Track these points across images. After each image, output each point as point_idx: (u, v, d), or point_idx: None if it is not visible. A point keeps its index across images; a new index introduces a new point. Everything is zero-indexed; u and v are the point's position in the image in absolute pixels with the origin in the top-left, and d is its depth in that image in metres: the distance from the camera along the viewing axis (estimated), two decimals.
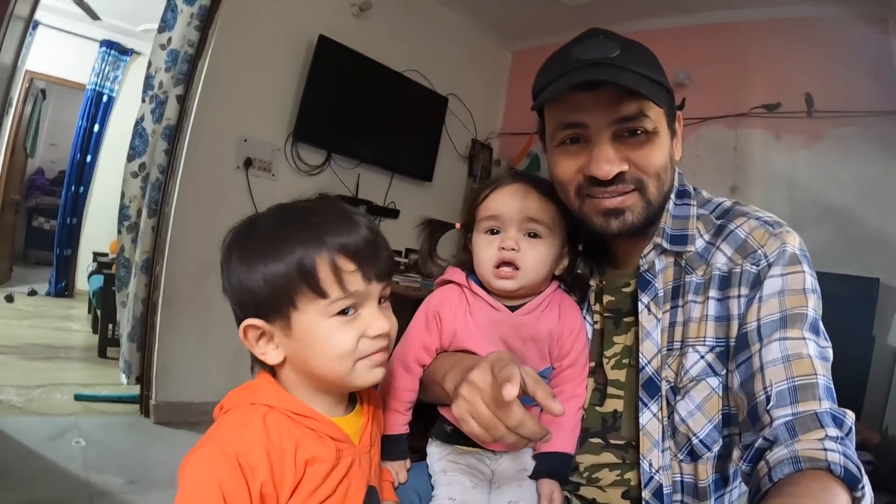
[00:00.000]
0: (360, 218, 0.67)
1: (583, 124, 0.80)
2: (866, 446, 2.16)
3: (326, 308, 0.63)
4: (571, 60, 0.78)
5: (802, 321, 0.73)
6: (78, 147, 5.01)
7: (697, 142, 3.11)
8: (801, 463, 0.61)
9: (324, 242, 0.63)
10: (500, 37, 4.10)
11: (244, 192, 2.76)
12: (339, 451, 0.66)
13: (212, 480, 0.57)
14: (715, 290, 0.80)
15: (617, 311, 0.91)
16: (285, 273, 0.62)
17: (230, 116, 2.70)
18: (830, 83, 2.84)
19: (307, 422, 0.65)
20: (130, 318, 2.68)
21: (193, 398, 2.64)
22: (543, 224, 0.86)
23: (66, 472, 2.00)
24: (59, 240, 5.09)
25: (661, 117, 0.80)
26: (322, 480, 0.63)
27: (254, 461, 0.59)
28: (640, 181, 0.80)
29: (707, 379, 0.79)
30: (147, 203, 2.69)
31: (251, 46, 2.73)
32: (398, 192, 3.47)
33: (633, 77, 0.74)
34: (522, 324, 0.86)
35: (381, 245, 0.67)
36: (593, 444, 0.89)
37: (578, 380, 0.89)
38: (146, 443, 2.39)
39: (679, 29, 3.27)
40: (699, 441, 0.78)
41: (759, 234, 0.79)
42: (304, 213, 0.67)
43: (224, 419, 0.64)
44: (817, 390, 0.68)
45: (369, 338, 0.65)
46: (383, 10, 3.25)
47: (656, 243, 0.85)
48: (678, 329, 0.82)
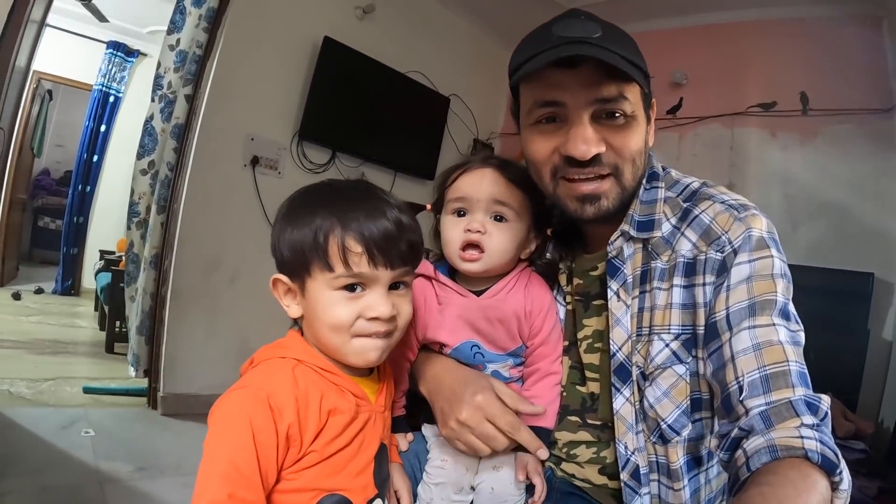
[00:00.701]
0: (387, 208, 0.70)
1: (561, 103, 0.77)
2: (861, 436, 2.20)
3: (332, 281, 0.68)
4: (552, 37, 0.76)
5: (772, 307, 0.72)
6: (85, 147, 5.05)
7: (694, 140, 3.16)
8: (778, 452, 0.61)
9: (339, 222, 0.68)
10: (501, 38, 4.14)
11: (251, 189, 2.81)
12: (358, 405, 0.72)
13: (242, 416, 0.62)
14: (680, 278, 0.79)
15: (586, 295, 0.91)
16: (303, 242, 0.69)
17: (237, 115, 2.75)
18: (825, 82, 2.89)
19: (331, 377, 0.71)
20: (139, 312, 2.73)
21: (200, 390, 2.68)
22: (510, 207, 0.87)
23: (77, 459, 2.04)
24: (65, 238, 5.12)
25: (640, 101, 0.79)
26: (341, 430, 0.69)
27: (283, 403, 0.64)
28: (616, 166, 0.79)
29: (673, 367, 0.79)
30: (156, 200, 2.74)
31: (258, 48, 2.78)
32: (401, 190, 3.49)
33: (616, 57, 0.73)
34: (488, 306, 0.88)
35: (399, 236, 0.69)
36: (571, 422, 0.90)
37: (552, 357, 0.90)
38: (154, 433, 2.43)
39: (676, 30, 3.32)
40: (668, 426, 0.78)
41: (724, 219, 0.77)
42: (336, 193, 0.73)
43: (255, 368, 0.70)
44: (790, 377, 0.68)
45: (365, 318, 0.69)
46: (386, 13, 3.30)
47: (623, 230, 0.84)
48: (646, 315, 0.81)
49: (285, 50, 2.91)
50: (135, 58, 5.08)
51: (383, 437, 0.77)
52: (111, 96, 5.03)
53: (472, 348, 0.89)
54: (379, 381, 0.80)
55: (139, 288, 2.77)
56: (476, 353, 0.89)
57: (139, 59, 5.10)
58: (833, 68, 2.88)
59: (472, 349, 0.89)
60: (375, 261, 0.68)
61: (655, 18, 3.29)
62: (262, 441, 0.61)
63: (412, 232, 0.72)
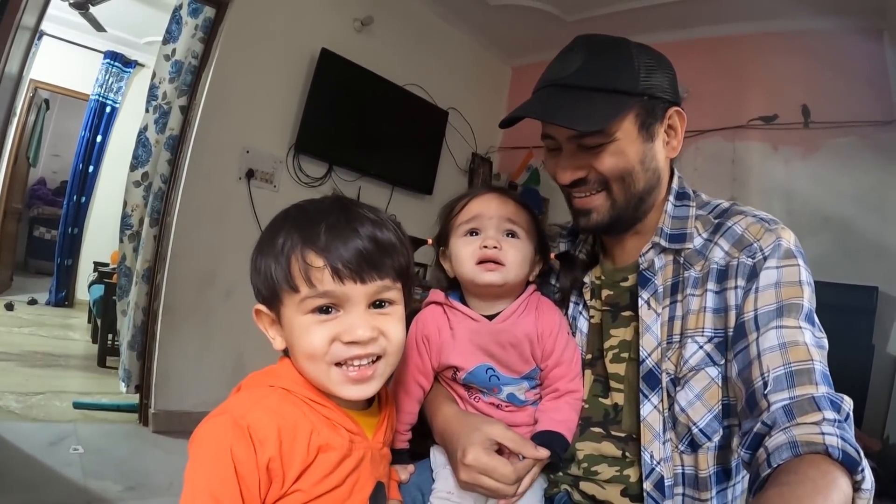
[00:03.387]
0: (356, 219, 0.65)
1: (552, 136, 0.88)
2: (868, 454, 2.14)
3: (301, 304, 0.63)
4: (543, 78, 0.87)
5: (798, 311, 0.74)
6: (81, 157, 5.03)
7: (696, 154, 3.14)
8: (799, 448, 0.61)
9: (300, 238, 0.63)
10: (499, 52, 4.15)
11: (246, 202, 2.78)
12: (352, 441, 0.66)
13: (223, 446, 0.58)
14: (713, 283, 0.82)
15: (615, 305, 0.93)
16: (269, 265, 0.64)
17: (233, 128, 2.73)
18: (827, 94, 2.87)
19: (322, 409, 0.66)
20: (131, 327, 2.69)
21: (193, 407, 2.63)
22: (520, 226, 0.91)
23: (65, 477, 1.99)
24: (60, 249, 5.09)
25: (626, 125, 0.82)
26: (332, 468, 0.64)
27: (263, 435, 0.59)
28: (604, 182, 0.86)
29: (706, 368, 0.80)
30: (149, 212, 2.71)
31: (254, 59, 2.76)
32: (399, 205, 3.48)
33: (583, 107, 0.79)
34: (501, 330, 0.88)
35: (370, 247, 0.63)
36: (594, 433, 0.90)
37: (570, 376, 0.90)
38: (144, 451, 2.38)
39: (676, 44, 3.29)
40: (699, 430, 0.79)
41: (756, 229, 0.82)
42: (302, 211, 0.67)
43: (238, 394, 0.66)
44: (814, 375, 0.69)
45: (342, 342, 0.63)
46: (385, 25, 3.30)
47: (655, 242, 0.88)
48: (677, 323, 0.84)
49: (282, 61, 2.89)
50: (132, 68, 5.07)
51: (381, 474, 0.72)
52: (108, 106, 5.02)
53: (486, 371, 0.89)
54: (379, 414, 0.75)
55: (131, 302, 2.73)
56: (491, 376, 0.89)
57: (136, 70, 5.09)
58: (834, 81, 2.86)
59: (486, 372, 0.89)
60: (341, 275, 0.62)
61: (655, 32, 3.26)
62: (244, 474, 0.58)
63: (391, 248, 0.66)
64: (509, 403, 0.91)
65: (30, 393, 2.73)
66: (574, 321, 0.97)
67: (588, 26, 3.40)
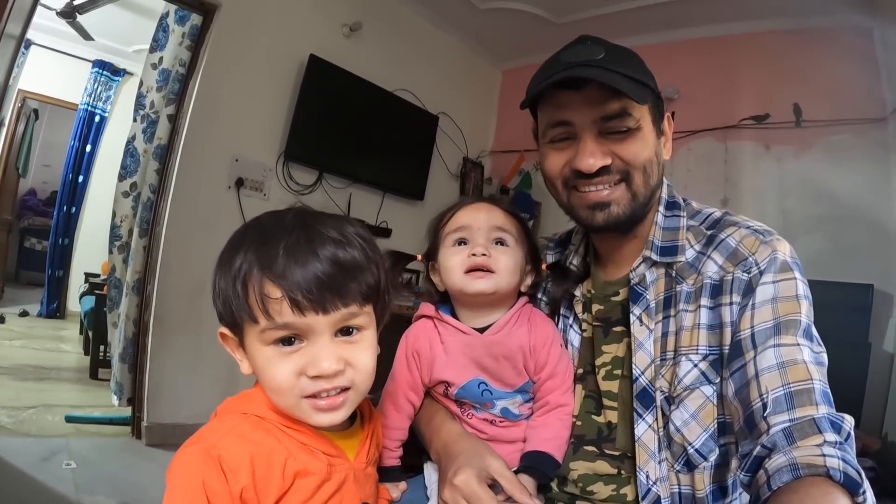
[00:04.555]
0: (318, 240, 0.60)
1: (569, 122, 0.83)
2: (867, 453, 2.15)
3: (261, 335, 0.60)
4: (559, 63, 0.82)
5: (796, 327, 0.73)
6: (70, 167, 5.00)
7: (688, 155, 3.13)
8: (800, 470, 0.60)
9: (257, 263, 0.59)
10: (490, 56, 4.14)
11: (236, 211, 2.75)
12: (331, 465, 0.64)
13: (196, 479, 0.56)
14: (706, 299, 0.80)
15: (606, 320, 0.91)
16: (227, 290, 0.60)
17: (222, 136, 2.70)
18: (818, 93, 2.89)
19: (296, 434, 0.63)
20: (122, 339, 2.66)
21: (186, 419, 2.60)
22: (510, 234, 0.89)
23: (57, 493, 1.97)
24: (50, 260, 5.05)
25: (646, 115, 0.83)
26: (312, 493, 0.62)
27: (235, 465, 0.58)
28: (626, 172, 0.82)
29: (701, 387, 0.79)
30: (138, 223, 2.69)
31: (242, 66, 2.74)
32: (390, 211, 3.47)
33: (615, 76, 0.77)
34: (493, 343, 0.87)
35: (333, 274, 0.59)
36: (588, 452, 0.88)
37: (562, 389, 0.89)
38: (138, 465, 2.35)
39: (667, 44, 3.31)
40: (695, 450, 0.78)
41: (750, 241, 0.79)
42: (261, 229, 0.63)
43: (213, 422, 0.64)
44: (814, 395, 0.68)
45: (308, 376, 0.60)
46: (374, 31, 3.28)
47: (645, 256, 0.86)
48: (671, 339, 0.82)
49: (270, 68, 2.87)
50: (121, 77, 5.04)
51: (367, 495, 0.70)
52: (97, 116, 4.99)
53: (479, 385, 0.88)
54: (362, 433, 0.72)
55: (122, 314, 2.70)
56: (484, 390, 0.88)
57: (125, 79, 5.06)
58: (825, 79, 2.87)
59: (479, 387, 0.88)
60: (300, 306, 0.58)
61: (646, 33, 3.28)
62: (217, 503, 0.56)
63: (356, 269, 0.61)
64: (503, 418, 0.89)
65: (21, 407, 2.70)
66: (564, 335, 0.95)
67: (577, 28, 3.37)
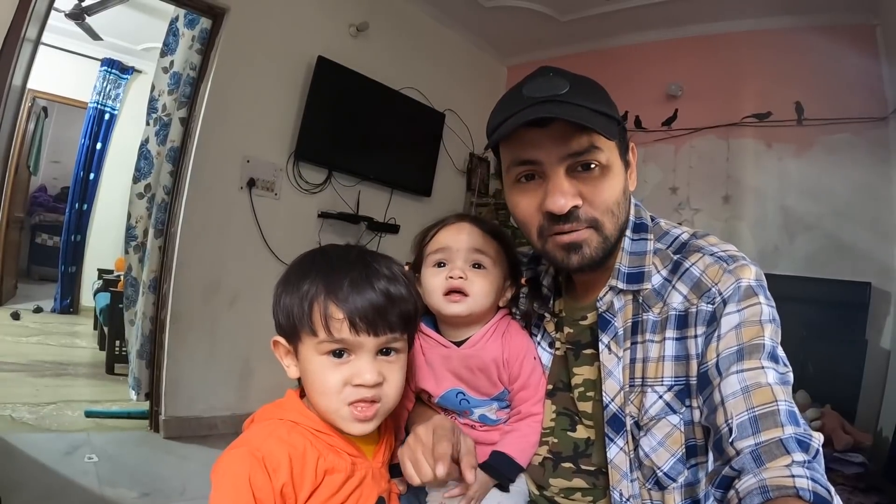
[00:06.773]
0: (374, 277, 0.72)
1: (536, 161, 0.80)
2: (859, 448, 2.20)
3: (318, 346, 0.71)
4: (523, 98, 0.80)
5: (760, 351, 0.73)
6: (81, 165, 5.04)
7: (690, 152, 3.16)
8: (770, 492, 0.61)
9: (325, 289, 0.71)
10: (495, 52, 4.17)
11: (248, 211, 2.82)
12: (354, 464, 0.74)
13: (242, 476, 0.65)
14: (672, 330, 0.80)
15: (576, 343, 0.92)
16: (292, 307, 0.72)
17: (233, 137, 2.76)
18: (820, 91, 2.91)
19: (325, 437, 0.74)
20: (139, 336, 2.74)
21: (202, 413, 2.69)
22: (488, 256, 0.91)
23: (81, 486, 2.04)
24: (63, 257, 5.11)
25: (613, 149, 0.82)
26: (338, 488, 0.72)
27: (276, 463, 0.67)
28: (594, 220, 0.81)
29: (667, 417, 0.80)
30: (153, 223, 2.75)
31: (252, 68, 2.79)
32: (398, 207, 3.52)
33: (582, 112, 0.75)
34: (469, 356, 0.91)
35: (385, 306, 0.71)
36: (565, 469, 0.91)
37: (533, 400, 0.94)
38: (157, 457, 2.43)
39: (671, 42, 3.33)
40: (664, 474, 0.79)
41: (713, 271, 0.79)
42: (327, 260, 0.75)
43: (253, 427, 0.74)
44: (779, 416, 0.68)
45: (352, 385, 0.71)
46: (380, 30, 3.32)
47: (612, 285, 0.86)
48: (638, 366, 0.83)
49: (279, 70, 2.92)
50: (129, 75, 5.07)
51: (382, 489, 0.79)
52: (106, 114, 5.02)
53: (457, 395, 0.93)
54: (378, 438, 0.82)
55: (138, 312, 2.77)
56: (461, 399, 0.93)
57: (134, 76, 5.10)
58: (827, 77, 2.89)
59: (457, 396, 0.93)
60: (357, 328, 0.70)
61: (650, 30, 3.30)
62: (262, 499, 0.65)
63: (402, 301, 0.73)
64: (482, 423, 0.95)
65: (42, 403, 2.78)
66: None
67: (581, 26, 3.43)
